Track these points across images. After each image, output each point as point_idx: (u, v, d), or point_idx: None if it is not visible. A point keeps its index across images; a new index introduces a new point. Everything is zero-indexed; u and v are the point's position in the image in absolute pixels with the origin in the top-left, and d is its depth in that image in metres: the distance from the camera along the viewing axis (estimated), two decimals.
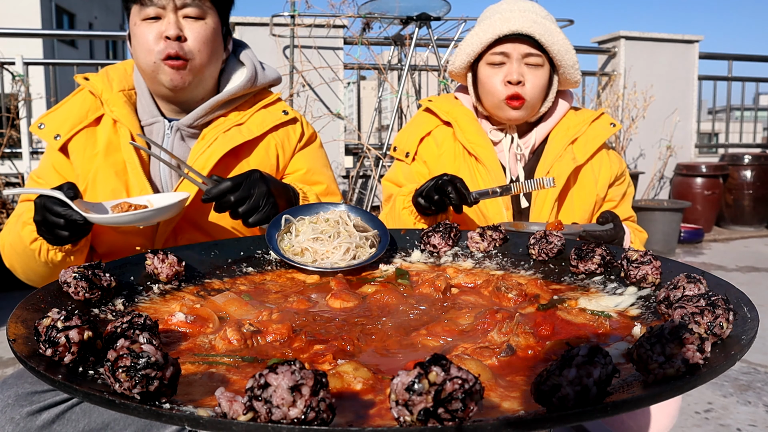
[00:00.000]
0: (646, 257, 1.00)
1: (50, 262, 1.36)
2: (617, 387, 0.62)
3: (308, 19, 5.05)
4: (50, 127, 1.48)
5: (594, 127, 1.76)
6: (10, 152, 5.06)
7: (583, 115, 1.79)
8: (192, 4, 1.41)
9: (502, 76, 1.65)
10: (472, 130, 1.74)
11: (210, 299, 1.02)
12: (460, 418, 0.50)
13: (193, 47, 1.43)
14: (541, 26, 1.62)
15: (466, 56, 1.71)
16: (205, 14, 1.44)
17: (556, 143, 1.73)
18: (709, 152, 7.48)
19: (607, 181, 1.75)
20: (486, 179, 1.70)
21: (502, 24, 1.63)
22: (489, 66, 1.68)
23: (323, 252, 1.23)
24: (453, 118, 1.78)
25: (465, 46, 1.71)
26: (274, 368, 0.53)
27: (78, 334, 0.69)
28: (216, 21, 1.48)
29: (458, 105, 1.82)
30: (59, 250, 1.34)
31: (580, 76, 1.74)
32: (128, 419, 1.31)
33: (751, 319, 0.74)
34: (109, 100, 1.51)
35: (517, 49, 1.64)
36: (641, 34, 6.44)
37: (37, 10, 18.10)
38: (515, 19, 1.62)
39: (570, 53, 1.66)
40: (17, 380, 1.27)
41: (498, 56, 1.66)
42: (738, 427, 2.36)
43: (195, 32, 1.43)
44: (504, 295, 1.03)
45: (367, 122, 5.63)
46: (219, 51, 1.51)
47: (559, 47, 1.63)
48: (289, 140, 1.62)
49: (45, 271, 1.40)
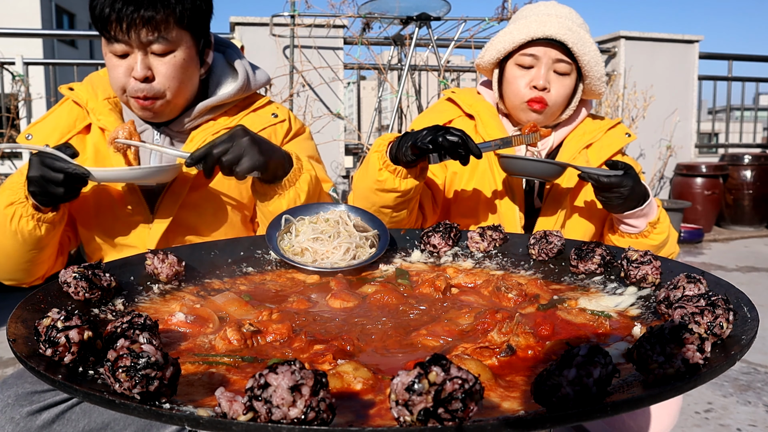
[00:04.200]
0: (646, 257, 1.00)
1: (19, 233, 1.34)
2: (617, 387, 0.62)
3: (308, 19, 5.05)
4: (38, 137, 1.46)
5: (609, 135, 1.75)
6: (10, 152, 5.06)
7: (600, 122, 1.79)
8: (159, 40, 1.34)
9: (529, 79, 1.64)
10: (493, 126, 1.72)
11: (210, 299, 1.02)
12: (460, 418, 0.50)
13: (163, 84, 1.39)
14: (575, 35, 1.61)
15: (496, 52, 1.70)
16: (175, 46, 1.37)
17: (572, 146, 1.73)
18: (709, 152, 7.48)
19: None
20: (502, 175, 1.68)
21: (537, 26, 1.61)
22: (517, 66, 1.67)
23: (323, 252, 1.23)
24: (476, 112, 1.76)
25: (497, 42, 1.70)
26: (274, 368, 0.53)
27: (78, 334, 0.69)
28: (189, 45, 1.41)
29: (481, 99, 1.80)
30: (33, 218, 1.33)
31: (605, 89, 1.72)
32: (128, 419, 1.31)
33: (751, 319, 0.74)
34: (95, 109, 1.50)
35: (548, 54, 1.63)
36: (641, 34, 6.44)
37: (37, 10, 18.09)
38: (551, 24, 1.61)
39: (599, 65, 1.65)
40: (17, 380, 1.27)
41: (528, 58, 1.64)
42: (738, 427, 2.36)
43: (164, 69, 1.37)
44: (504, 295, 1.03)
45: (367, 122, 5.63)
46: (193, 75, 1.46)
47: (590, 58, 1.62)
48: (276, 136, 1.59)
49: (11, 245, 1.37)
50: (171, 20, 1.34)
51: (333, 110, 5.30)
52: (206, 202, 1.50)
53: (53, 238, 1.41)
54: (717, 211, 6.63)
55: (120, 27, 1.32)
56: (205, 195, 1.50)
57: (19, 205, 1.33)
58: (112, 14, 1.31)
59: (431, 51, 4.88)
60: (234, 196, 1.53)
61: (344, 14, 4.99)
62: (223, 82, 1.56)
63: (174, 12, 1.34)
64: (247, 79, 1.56)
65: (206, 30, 1.47)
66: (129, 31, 1.32)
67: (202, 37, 1.47)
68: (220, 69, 1.57)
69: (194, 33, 1.42)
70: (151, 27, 1.33)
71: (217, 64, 1.57)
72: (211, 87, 1.55)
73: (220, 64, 1.58)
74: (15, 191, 1.34)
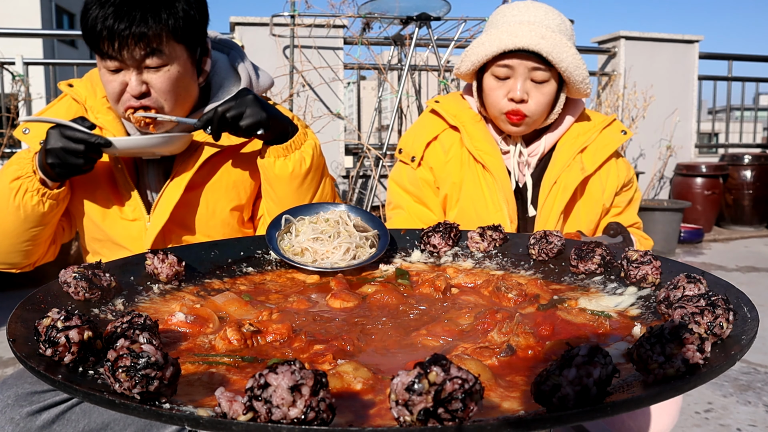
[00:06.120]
0: (646, 257, 1.00)
1: (22, 207, 1.36)
2: (617, 387, 0.62)
3: (308, 19, 5.05)
4: (36, 132, 1.46)
5: (605, 135, 1.69)
6: (10, 152, 5.06)
7: (594, 121, 1.72)
8: (152, 56, 1.32)
9: (506, 90, 1.59)
10: (479, 137, 1.68)
11: (210, 299, 1.02)
12: (460, 418, 0.50)
13: (159, 97, 1.38)
14: (549, 42, 1.52)
15: (471, 64, 1.64)
16: (170, 60, 1.35)
17: (564, 152, 1.67)
18: (709, 152, 7.48)
19: (614, 190, 1.70)
20: (492, 187, 1.64)
21: (508, 38, 1.54)
22: (493, 78, 1.61)
23: (323, 252, 1.23)
24: (460, 123, 1.71)
25: (470, 54, 1.63)
26: (274, 368, 0.53)
27: (78, 334, 0.69)
28: (184, 58, 1.39)
29: (465, 108, 1.75)
30: (38, 193, 1.36)
31: (590, 89, 1.65)
32: (128, 419, 1.31)
33: (751, 319, 0.74)
34: (94, 107, 1.49)
35: (523, 65, 1.55)
36: (641, 34, 6.44)
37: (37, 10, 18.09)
38: (522, 34, 1.53)
39: (579, 69, 1.57)
40: (17, 380, 1.27)
41: (503, 69, 1.58)
42: (738, 427, 2.36)
43: (159, 84, 1.36)
44: (504, 295, 1.03)
45: (367, 122, 5.63)
46: (190, 86, 1.44)
47: (568, 64, 1.54)
48: None
49: (11, 221, 1.38)
50: (164, 35, 1.32)
51: (333, 110, 5.30)
52: (202, 202, 1.50)
53: (55, 216, 1.43)
54: (717, 211, 6.62)
55: (112, 45, 1.30)
56: (201, 195, 1.50)
57: (26, 179, 1.35)
58: (103, 31, 1.28)
59: (431, 51, 4.88)
60: (231, 197, 1.53)
61: (344, 14, 4.98)
62: (226, 85, 1.55)
63: (166, 26, 1.32)
64: (249, 85, 1.55)
65: (202, 39, 1.45)
66: (121, 50, 1.30)
67: (199, 46, 1.44)
68: (225, 72, 1.56)
69: (189, 45, 1.40)
70: (143, 44, 1.30)
71: (220, 66, 1.56)
72: (213, 89, 1.54)
73: (224, 67, 1.56)
74: (22, 166, 1.37)
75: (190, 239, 1.50)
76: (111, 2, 1.28)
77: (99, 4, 1.29)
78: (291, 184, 1.43)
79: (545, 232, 1.20)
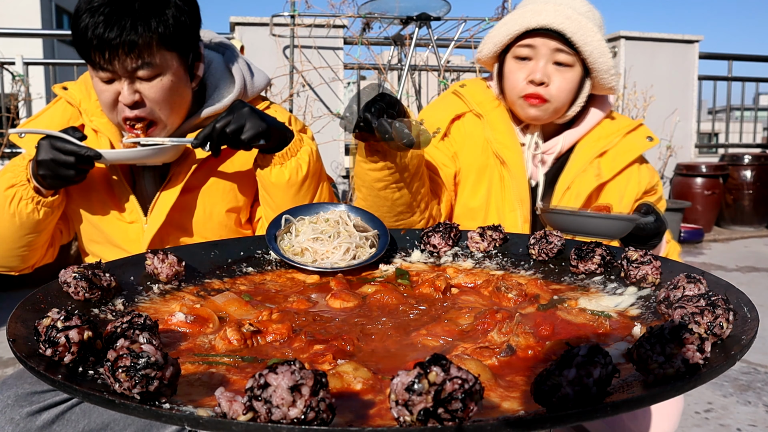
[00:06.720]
0: (646, 257, 1.00)
1: (18, 215, 1.36)
2: (617, 387, 0.62)
3: (308, 19, 5.05)
4: (31, 136, 1.44)
5: (628, 140, 1.62)
6: (10, 152, 5.06)
7: (618, 124, 1.65)
8: (144, 66, 1.31)
9: (527, 72, 1.53)
10: (501, 129, 1.61)
11: (210, 299, 1.02)
12: (460, 418, 0.50)
13: (153, 107, 1.37)
14: (575, 23, 1.47)
15: (493, 46, 1.59)
16: (162, 69, 1.33)
17: (582, 155, 1.61)
18: (709, 152, 7.48)
19: (633, 197, 1.62)
20: (509, 184, 1.59)
21: (531, 16, 1.49)
22: (515, 59, 1.55)
23: (323, 252, 1.23)
24: (484, 111, 1.64)
25: (493, 35, 1.58)
26: (274, 368, 0.53)
27: (78, 334, 0.69)
28: (176, 65, 1.37)
29: (489, 97, 1.67)
30: (33, 201, 1.35)
31: (616, 82, 1.58)
32: (128, 419, 1.31)
33: (751, 319, 0.74)
34: (88, 110, 1.48)
35: (546, 45, 1.50)
36: (641, 34, 6.44)
37: (37, 10, 18.09)
38: (547, 13, 1.48)
39: (605, 56, 1.51)
40: (17, 380, 1.27)
41: (525, 49, 1.52)
42: (738, 427, 2.36)
43: (152, 94, 1.34)
44: (504, 295, 1.03)
45: None
46: (184, 93, 1.42)
47: (593, 48, 1.49)
48: None
49: (7, 228, 1.38)
50: (154, 44, 1.30)
51: (333, 110, 5.30)
52: (199, 204, 1.50)
53: (50, 223, 1.43)
54: (717, 211, 6.63)
55: (103, 56, 1.28)
56: (197, 197, 1.50)
57: (20, 187, 1.35)
58: (93, 40, 1.27)
59: (431, 51, 4.88)
60: (227, 199, 1.52)
61: (344, 14, 4.99)
62: (222, 86, 1.53)
63: (156, 34, 1.29)
64: (244, 87, 1.53)
65: (194, 45, 1.43)
66: (112, 60, 1.29)
67: (191, 52, 1.43)
68: (220, 73, 1.54)
69: (181, 51, 1.38)
70: (134, 55, 1.29)
71: (215, 68, 1.54)
72: (209, 91, 1.53)
73: (219, 68, 1.55)
74: (16, 174, 1.36)
75: (187, 241, 1.50)
76: (101, 11, 1.26)
77: (89, 12, 1.27)
78: (288, 191, 1.43)
79: (545, 232, 1.20)
